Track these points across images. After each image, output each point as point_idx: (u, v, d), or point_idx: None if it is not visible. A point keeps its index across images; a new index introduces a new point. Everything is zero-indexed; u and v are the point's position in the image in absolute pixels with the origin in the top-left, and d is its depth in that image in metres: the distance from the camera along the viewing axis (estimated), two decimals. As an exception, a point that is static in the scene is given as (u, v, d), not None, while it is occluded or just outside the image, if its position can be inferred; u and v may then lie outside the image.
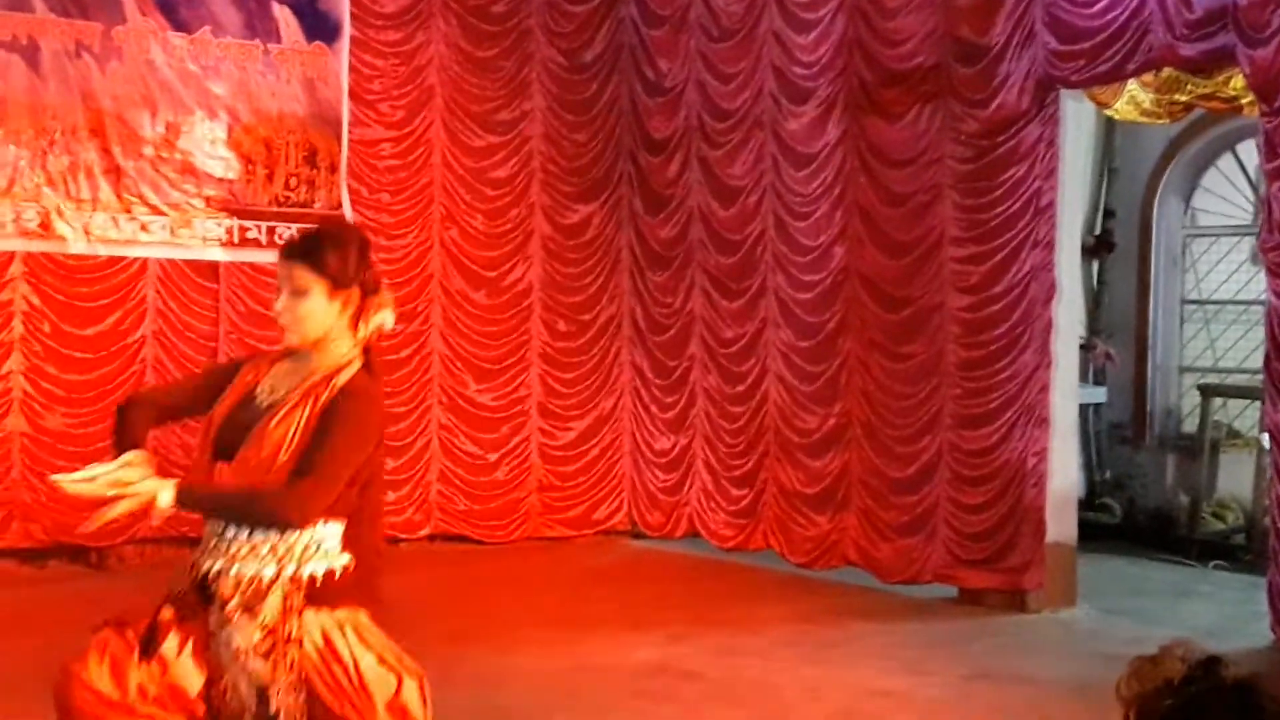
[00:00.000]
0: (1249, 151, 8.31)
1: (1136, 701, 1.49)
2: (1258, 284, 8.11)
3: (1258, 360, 6.59)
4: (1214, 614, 6.80)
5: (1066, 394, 6.89)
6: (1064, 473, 6.84)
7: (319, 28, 7.83)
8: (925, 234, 7.06)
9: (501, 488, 8.30)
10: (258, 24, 7.70)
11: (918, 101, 7.06)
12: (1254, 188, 8.69)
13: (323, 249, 3.25)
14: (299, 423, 3.14)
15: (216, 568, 3.18)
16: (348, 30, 7.89)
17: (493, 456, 8.29)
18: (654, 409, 8.39)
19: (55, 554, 7.28)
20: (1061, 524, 6.78)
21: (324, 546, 3.18)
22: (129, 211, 7.37)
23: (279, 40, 7.73)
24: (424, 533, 8.16)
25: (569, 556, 7.92)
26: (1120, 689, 1.50)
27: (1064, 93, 6.67)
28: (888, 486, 7.21)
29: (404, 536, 8.08)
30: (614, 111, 8.50)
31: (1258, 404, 7.66)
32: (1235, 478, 8.50)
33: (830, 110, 7.41)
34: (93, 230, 7.28)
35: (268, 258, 7.71)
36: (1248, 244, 8.71)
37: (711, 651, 5.83)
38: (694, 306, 8.19)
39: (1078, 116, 6.90)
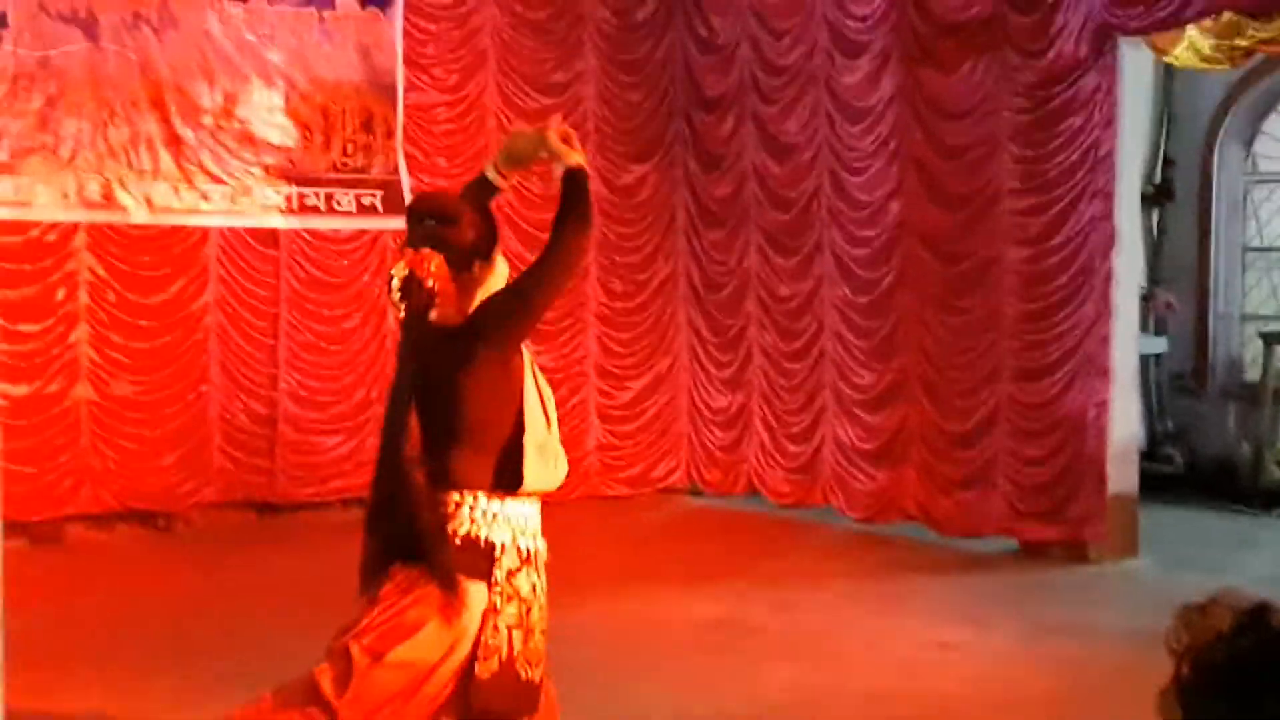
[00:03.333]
0: (1312, 96, 8.20)
1: (1189, 655, 1.50)
2: (1321, 230, 8.01)
3: (1321, 308, 6.53)
4: (1275, 563, 6.76)
5: (1127, 345, 6.86)
6: (1125, 423, 6.81)
7: (373, -7, 7.86)
8: (982, 187, 7.02)
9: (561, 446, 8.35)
10: (312, -9, 7.74)
11: (973, 53, 7.01)
12: (1317, 133, 8.57)
13: None
14: None
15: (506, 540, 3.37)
16: (401, -4, 7.92)
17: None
18: (711, 367, 8.41)
19: (123, 518, 7.42)
20: (1123, 475, 6.75)
21: None
22: (189, 181, 7.45)
23: (334, 7, 7.77)
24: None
25: (629, 514, 7.98)
26: (1170, 641, 1.51)
27: (1122, 41, 6.60)
28: (946, 441, 7.20)
29: (466, 497, 8.16)
30: (667, 70, 8.49)
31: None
32: (1299, 427, 8.43)
33: (884, 64, 7.37)
34: (154, 200, 7.37)
35: (326, 224, 7.80)
36: (1311, 190, 8.59)
37: (772, 605, 5.87)
38: (750, 264, 8.19)
39: (1136, 65, 6.82)
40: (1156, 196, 9.06)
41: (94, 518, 7.34)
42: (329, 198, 7.79)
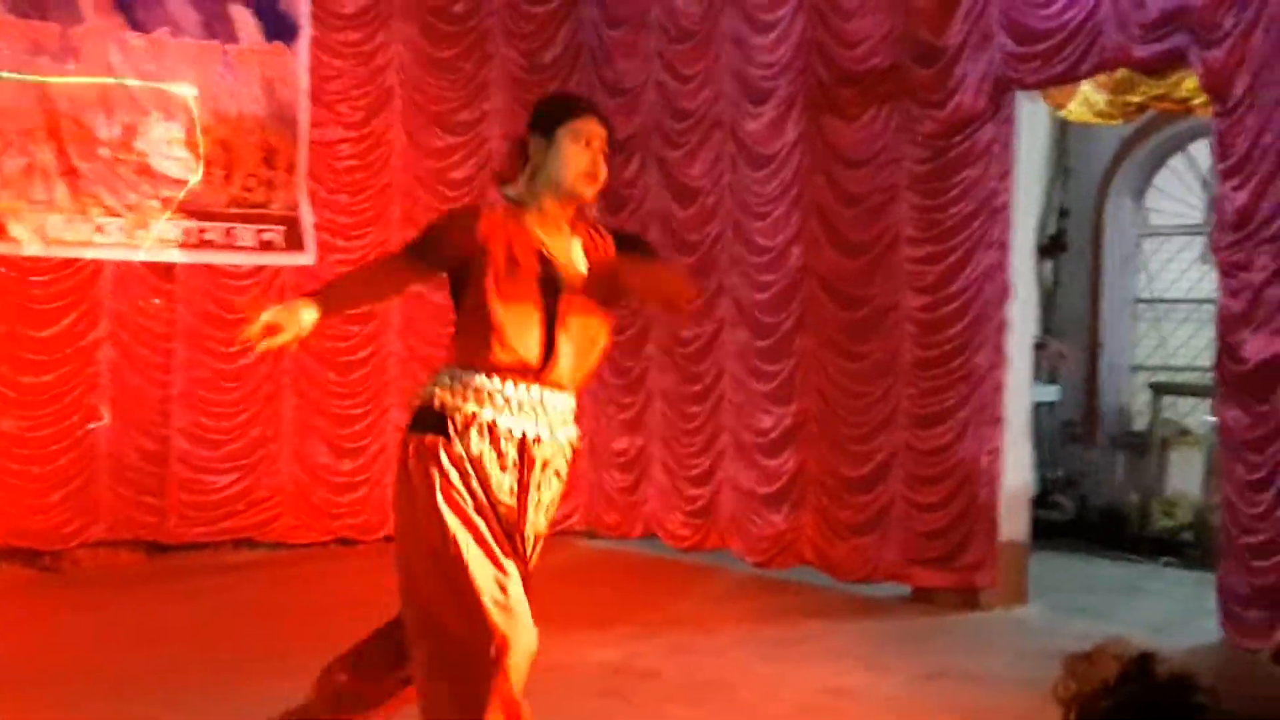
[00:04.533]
0: (1201, 151, 8.43)
1: (1075, 703, 1.52)
2: (1209, 283, 8.21)
3: (1208, 359, 6.68)
4: (1164, 610, 6.89)
5: (1020, 393, 6.97)
6: (1017, 471, 6.91)
7: (278, 28, 7.81)
8: (881, 234, 7.12)
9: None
10: (216, 24, 7.66)
11: (875, 102, 7.12)
12: (1205, 187, 8.80)
13: None
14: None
15: (536, 432, 3.67)
16: (307, 30, 7.87)
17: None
18: (611, 409, 8.41)
19: (7, 557, 7.22)
20: (1014, 522, 6.85)
21: None
22: (85, 213, 7.33)
23: (237, 41, 7.71)
24: (381, 534, 8.14)
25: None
26: (1058, 690, 1.53)
27: (1019, 94, 6.74)
28: (843, 485, 7.26)
29: (361, 539, 8.08)
30: (572, 112, 8.51)
31: (1208, 401, 7.77)
32: (1185, 475, 8.61)
33: (789, 111, 7.46)
34: (48, 232, 7.24)
35: (225, 259, 7.70)
36: (1199, 243, 8.82)
37: (670, 651, 5.86)
38: (651, 307, 8.21)
39: (1032, 117, 6.97)
40: (1051, 248, 9.25)
41: (-24, 555, 7.16)
42: (228, 232, 7.70)
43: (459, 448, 3.59)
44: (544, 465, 3.75)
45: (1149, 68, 6.26)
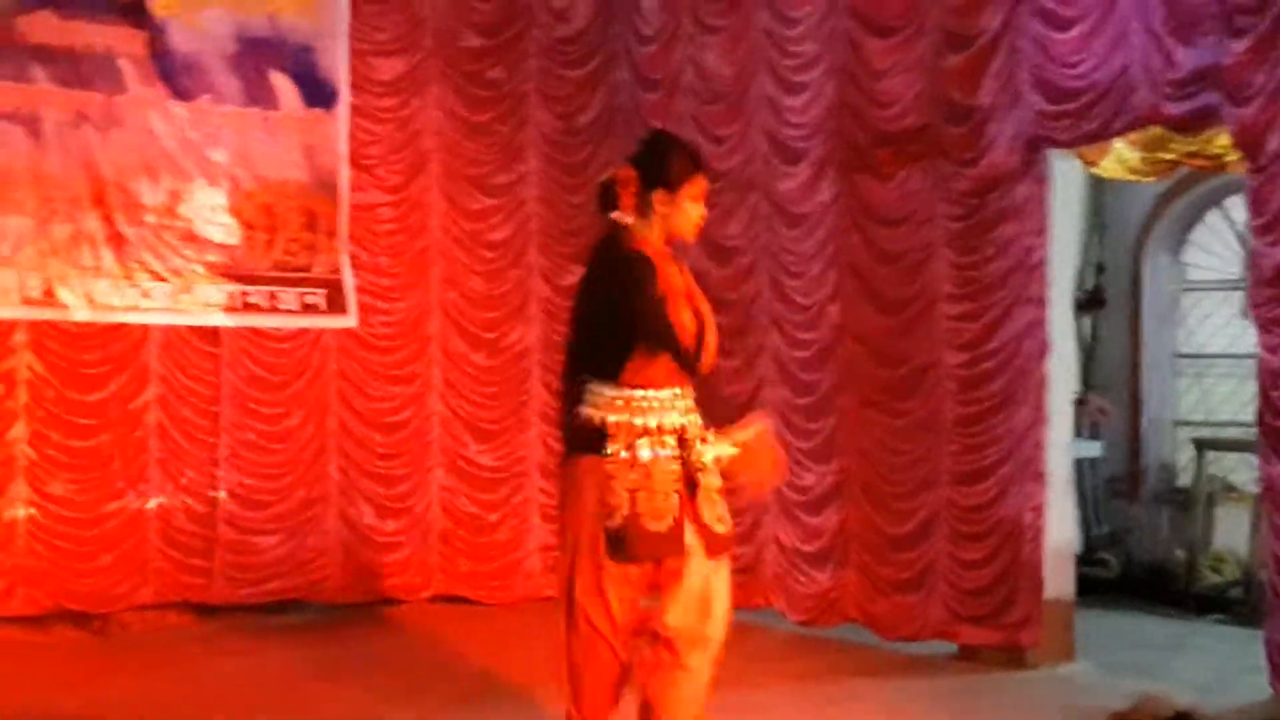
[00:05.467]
0: (1236, 206, 8.41)
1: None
2: (1249, 338, 8.15)
3: (1250, 413, 6.65)
4: (1211, 668, 6.82)
5: (1061, 449, 6.95)
6: (1061, 528, 6.88)
7: (317, 95, 7.94)
8: (919, 292, 7.14)
9: (502, 548, 8.34)
10: (256, 91, 7.81)
11: (908, 161, 7.16)
12: (1242, 242, 8.79)
13: None
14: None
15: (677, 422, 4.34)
16: (346, 97, 8.01)
17: (493, 517, 8.34)
18: (652, 468, 8.41)
19: (59, 619, 7.30)
20: (1059, 579, 6.81)
21: None
22: (131, 279, 7.45)
23: (278, 107, 7.84)
24: (426, 594, 8.19)
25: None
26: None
27: (1052, 152, 6.77)
28: (886, 543, 7.24)
29: (405, 598, 8.12)
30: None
31: (1252, 457, 7.72)
32: (1231, 531, 8.53)
33: (823, 171, 7.51)
34: (95, 298, 7.36)
35: (269, 322, 7.81)
36: (1237, 298, 8.78)
37: (716, 711, 5.81)
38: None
39: (1066, 175, 6.99)
40: (1089, 303, 9.23)
41: (28, 619, 7.22)
42: (272, 296, 7.81)
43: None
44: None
45: (1181, 125, 6.27)
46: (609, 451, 4.18)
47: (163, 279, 7.53)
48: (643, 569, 4.23)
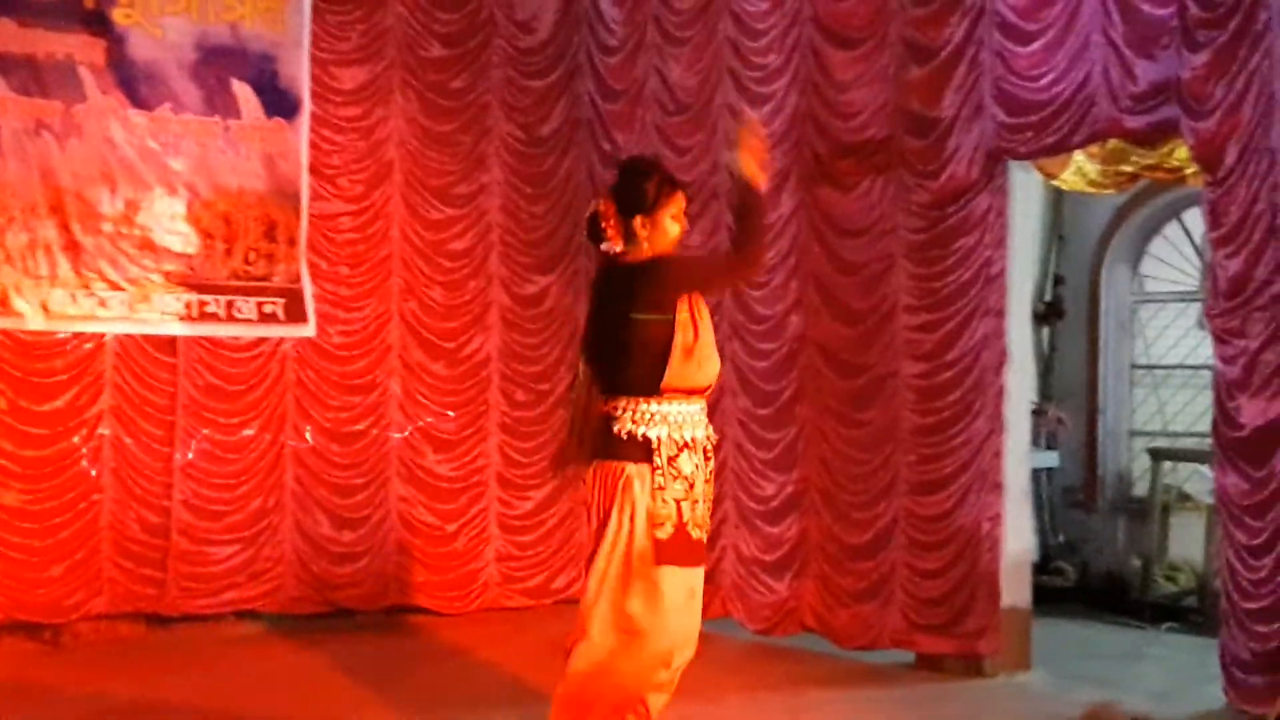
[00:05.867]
0: (1194, 219, 8.49)
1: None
2: (1205, 349, 8.25)
3: (1206, 424, 6.71)
4: (1167, 676, 6.86)
5: (1019, 459, 6.98)
6: (1018, 537, 6.92)
7: (278, 104, 7.90)
8: (879, 302, 7.16)
9: (460, 558, 8.30)
10: (217, 100, 7.76)
11: (870, 173, 7.19)
12: (1200, 254, 8.87)
13: None
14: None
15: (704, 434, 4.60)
16: (307, 106, 7.97)
17: (451, 527, 8.30)
18: (612, 478, 8.40)
19: (10, 630, 7.22)
20: (1016, 588, 6.84)
21: None
22: (87, 287, 7.38)
23: (239, 116, 7.80)
24: (382, 605, 8.15)
25: (528, 626, 7.92)
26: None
27: (1012, 164, 6.81)
28: (845, 552, 7.26)
29: (362, 609, 8.08)
30: (572, 184, 8.60)
31: (1207, 467, 7.78)
32: (1186, 540, 8.60)
33: (784, 182, 7.53)
34: (51, 306, 7.29)
35: (226, 331, 7.75)
36: (1194, 309, 8.87)
37: (671, 719, 5.84)
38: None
39: (1026, 187, 7.03)
40: (1047, 315, 9.31)
41: (-23, 630, 7.15)
42: (229, 305, 7.76)
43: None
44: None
45: (1140, 138, 6.33)
46: (657, 464, 4.47)
47: (119, 288, 7.47)
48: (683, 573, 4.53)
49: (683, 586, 4.54)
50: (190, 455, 7.66)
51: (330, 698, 6.34)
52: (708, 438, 4.63)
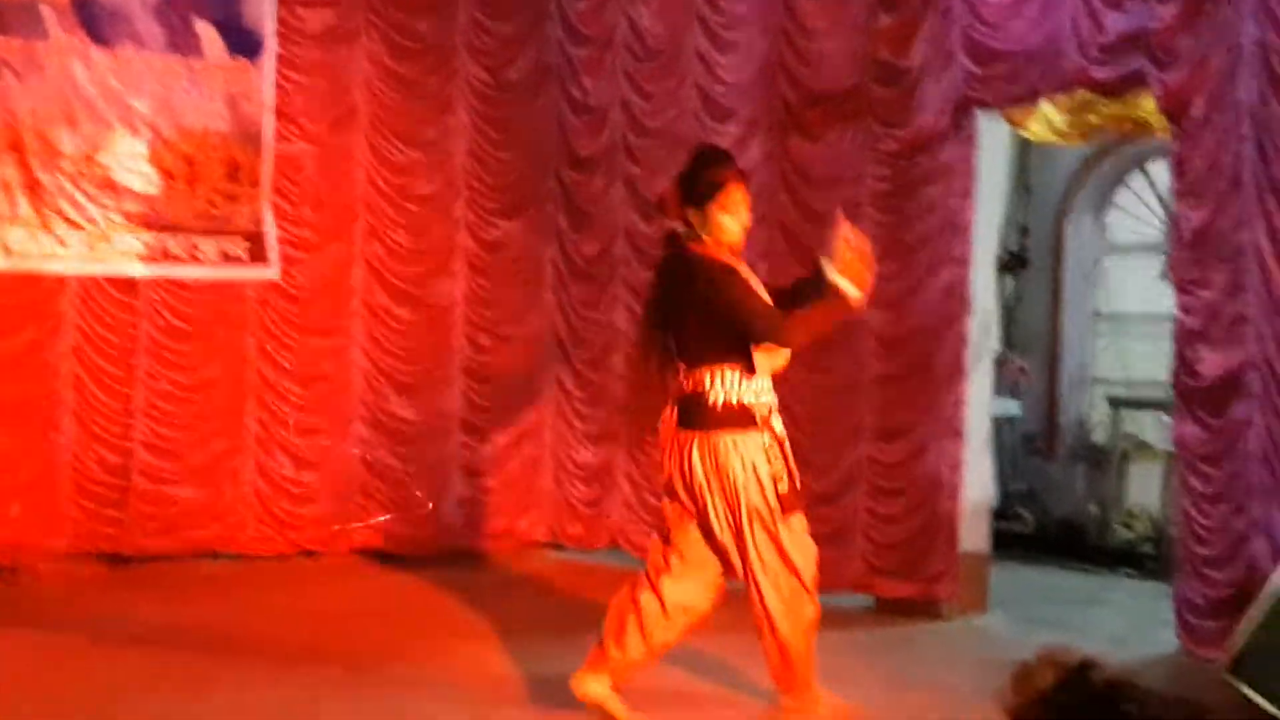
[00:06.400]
0: (1160, 170, 8.53)
1: (1014, 713, 1.56)
2: (1167, 299, 8.29)
3: (1165, 373, 6.76)
4: (1122, 621, 6.96)
5: (981, 407, 7.03)
6: (978, 484, 6.98)
7: (242, 44, 7.81)
8: (845, 251, 7.16)
9: (422, 501, 8.30)
10: (180, 40, 7.67)
11: (839, 121, 7.18)
12: (1164, 206, 8.91)
13: None
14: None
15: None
16: (272, 47, 7.88)
17: (414, 470, 8.30)
18: (576, 422, 8.44)
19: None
20: (975, 534, 6.92)
21: None
22: (47, 227, 7.32)
23: (202, 56, 7.71)
24: (344, 547, 8.15)
25: (490, 569, 7.95)
26: (1003, 699, 1.57)
27: (980, 114, 6.82)
28: (808, 498, 7.28)
29: (324, 550, 8.08)
30: (539, 129, 8.54)
31: (1165, 416, 7.86)
32: (1144, 488, 8.70)
33: (753, 130, 7.51)
34: (10, 245, 7.22)
35: (188, 273, 7.70)
36: (1157, 260, 8.91)
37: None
38: (617, 321, 8.25)
39: (993, 137, 7.05)
40: (1011, 264, 9.33)
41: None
42: (192, 246, 7.70)
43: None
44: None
45: (1108, 89, 6.34)
46: (761, 428, 4.91)
47: (80, 227, 7.40)
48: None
49: (804, 528, 5.05)
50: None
51: (291, 638, 6.36)
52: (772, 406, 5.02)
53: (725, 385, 4.89)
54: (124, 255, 7.53)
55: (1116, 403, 8.88)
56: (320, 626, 6.62)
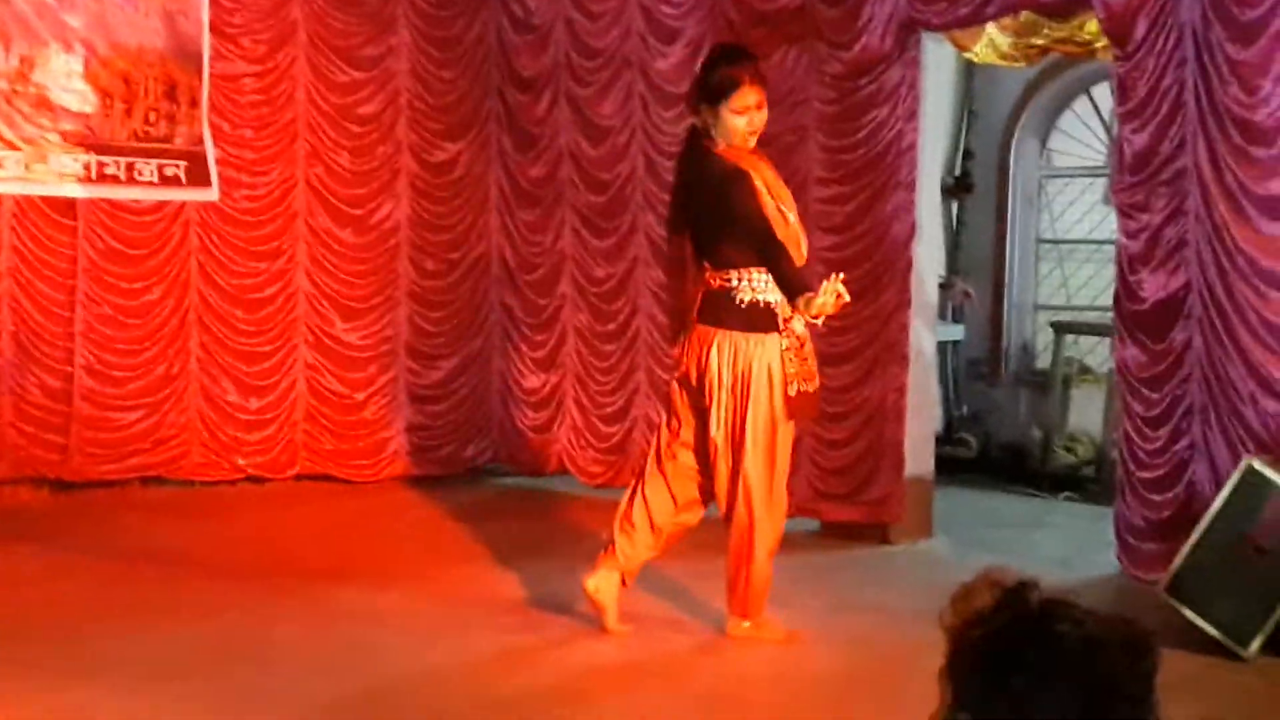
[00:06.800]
0: (1103, 95, 8.53)
1: (952, 633, 1.56)
2: (1109, 224, 8.34)
3: (1108, 298, 6.81)
4: (1063, 544, 7.05)
5: (926, 332, 7.06)
6: (923, 409, 7.02)
7: (178, -41, 7.65)
8: (791, 174, 7.09)
9: (369, 427, 8.27)
10: (114, -46, 7.50)
11: (784, 43, 7.12)
12: (1108, 130, 8.93)
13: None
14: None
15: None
16: (209, -38, 7.72)
17: (360, 396, 8.25)
18: (524, 348, 8.41)
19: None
20: (920, 459, 6.96)
21: None
22: (-19, 146, 7.17)
23: (137, -29, 7.54)
24: (291, 473, 8.12)
25: (437, 495, 7.95)
26: (942, 620, 1.58)
27: (925, 35, 6.78)
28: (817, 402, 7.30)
29: (270, 476, 8.05)
30: (481, 49, 8.43)
31: (1108, 340, 7.93)
32: (1086, 413, 8.78)
33: (698, 50, 7.41)
34: (-57, 165, 7.08)
35: (127, 194, 7.58)
36: (1100, 185, 8.95)
37: (577, 586, 5.90)
38: (564, 245, 8.21)
39: (938, 59, 7.01)
40: (956, 189, 9.34)
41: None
42: (130, 167, 7.57)
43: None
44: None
45: (1052, 11, 6.32)
46: (782, 329, 5.01)
47: (15, 147, 7.25)
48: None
49: (790, 438, 5.19)
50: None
51: (239, 563, 6.34)
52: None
53: (752, 284, 4.98)
54: (61, 176, 7.39)
55: (1059, 328, 8.94)
56: (268, 551, 6.60)
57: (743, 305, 5.00)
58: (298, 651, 5.10)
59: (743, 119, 4.99)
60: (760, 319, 5.02)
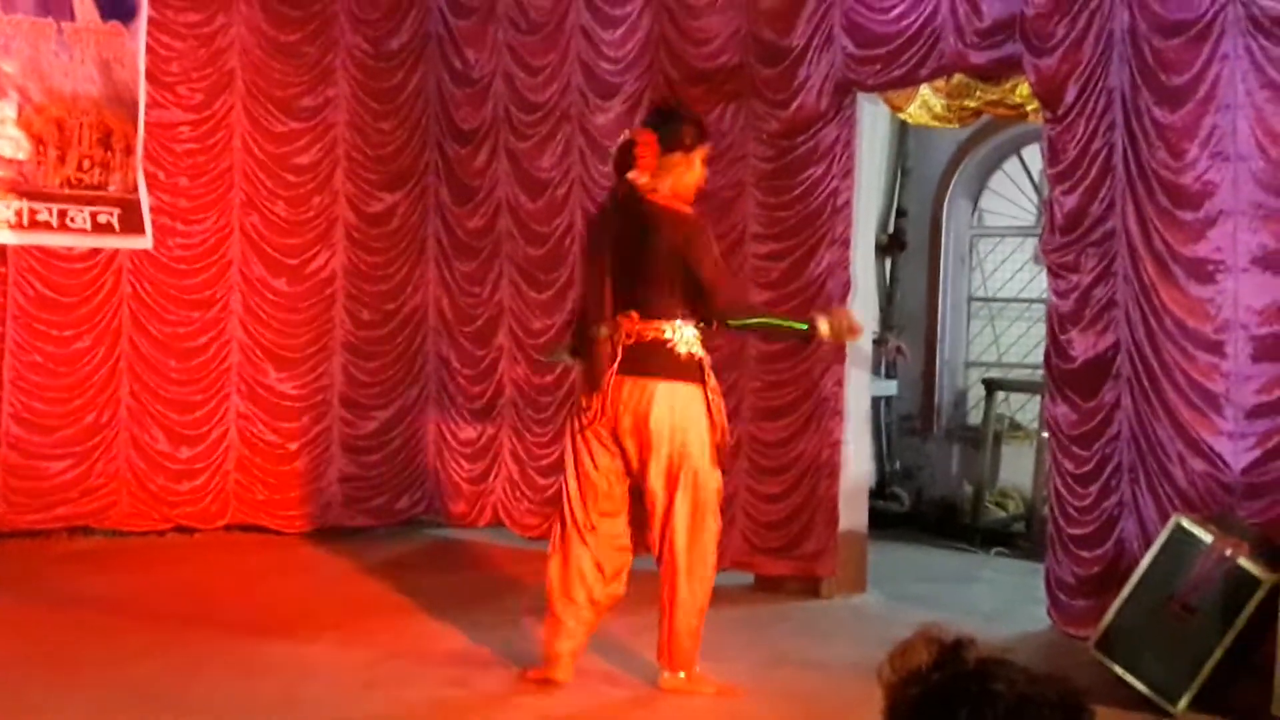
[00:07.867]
0: (1033, 156, 8.68)
1: (890, 690, 1.58)
2: (1039, 283, 8.48)
3: (1039, 356, 6.91)
4: (995, 599, 7.11)
5: (860, 387, 7.12)
6: (857, 463, 7.07)
7: (115, 7, 7.60)
8: (728, 230, 7.19)
9: (301, 478, 8.20)
10: (51, 2, 7.45)
11: (722, 100, 7.20)
12: (1037, 191, 9.09)
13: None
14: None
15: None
16: (145, 10, 7.68)
17: (293, 446, 8.19)
18: (460, 399, 8.38)
19: None
20: (854, 513, 7.00)
21: None
22: (-89, 191, 7.08)
23: (73, 19, 7.50)
24: (221, 523, 8.03)
25: (370, 546, 7.89)
26: (880, 676, 1.59)
27: (860, 96, 6.88)
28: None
29: (200, 526, 7.96)
30: (421, 101, 8.45)
31: (1038, 398, 8.03)
32: (1016, 468, 8.88)
33: (637, 106, 7.50)
34: None
35: (58, 241, 7.51)
36: (1030, 244, 9.09)
37: (516, 639, 5.88)
38: (502, 297, 8.21)
39: (873, 119, 7.12)
40: (890, 246, 9.46)
41: None
42: (62, 214, 7.49)
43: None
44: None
45: (984, 73, 6.45)
46: (710, 382, 5.16)
47: (-55, 193, 7.17)
48: None
49: (720, 487, 5.29)
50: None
51: (164, 613, 6.25)
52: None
53: (684, 336, 5.08)
54: (-9, 222, 7.30)
55: (991, 385, 9.05)
56: (196, 602, 6.51)
57: (681, 357, 5.08)
58: (225, 703, 5.03)
59: (696, 176, 5.17)
60: (694, 370, 5.10)
